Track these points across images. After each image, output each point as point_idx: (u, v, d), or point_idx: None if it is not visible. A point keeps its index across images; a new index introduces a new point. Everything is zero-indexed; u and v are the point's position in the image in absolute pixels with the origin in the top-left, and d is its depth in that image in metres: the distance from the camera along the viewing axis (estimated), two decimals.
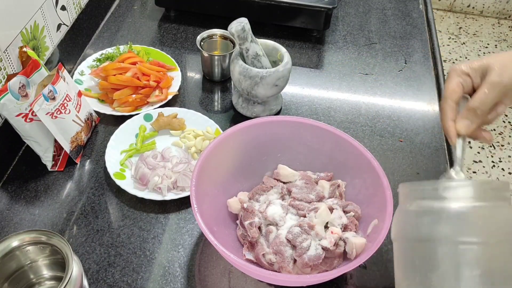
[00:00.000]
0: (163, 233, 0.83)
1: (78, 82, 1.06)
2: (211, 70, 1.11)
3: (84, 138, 0.93)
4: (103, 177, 0.91)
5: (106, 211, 0.86)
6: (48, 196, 0.88)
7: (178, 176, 0.88)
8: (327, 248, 0.72)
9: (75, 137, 0.90)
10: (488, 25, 3.19)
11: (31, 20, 0.95)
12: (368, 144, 1.00)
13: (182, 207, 0.87)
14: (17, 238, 0.66)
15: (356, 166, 0.81)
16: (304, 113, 1.07)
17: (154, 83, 1.03)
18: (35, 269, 0.72)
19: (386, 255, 0.82)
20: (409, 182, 0.65)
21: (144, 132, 0.97)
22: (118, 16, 1.30)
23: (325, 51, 1.24)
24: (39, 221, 0.84)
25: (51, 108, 0.84)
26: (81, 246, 0.80)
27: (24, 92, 0.84)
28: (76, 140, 0.90)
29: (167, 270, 0.78)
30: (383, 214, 0.72)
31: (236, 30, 0.90)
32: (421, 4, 1.44)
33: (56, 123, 0.85)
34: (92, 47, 1.20)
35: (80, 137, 0.91)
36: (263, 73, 0.93)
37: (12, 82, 0.82)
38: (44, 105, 0.82)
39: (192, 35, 1.25)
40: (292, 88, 1.13)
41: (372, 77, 1.18)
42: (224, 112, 1.06)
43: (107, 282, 0.76)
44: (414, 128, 1.05)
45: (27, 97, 0.85)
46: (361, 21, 1.35)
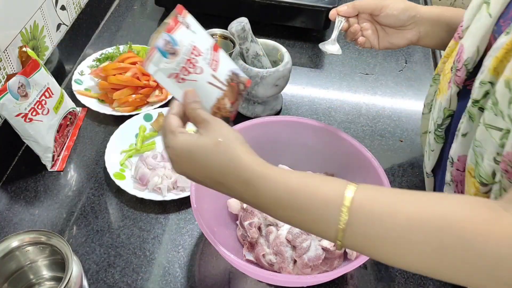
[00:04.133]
0: (163, 233, 0.83)
1: (78, 82, 1.06)
2: None
3: (229, 107, 0.64)
4: (103, 177, 0.91)
5: (106, 212, 0.86)
6: (48, 196, 0.87)
7: (178, 176, 0.88)
8: (327, 248, 0.72)
9: (216, 106, 0.63)
10: None
11: (31, 20, 0.95)
12: (369, 144, 1.00)
13: (182, 207, 0.87)
14: (17, 238, 0.66)
15: (356, 166, 0.81)
16: (304, 113, 1.07)
17: (154, 83, 1.03)
18: (35, 269, 0.72)
19: None
20: None
21: (144, 132, 0.97)
22: (118, 16, 1.30)
23: None
24: (39, 221, 0.84)
25: (174, 67, 0.58)
26: (81, 246, 0.80)
27: (24, 92, 0.84)
28: (219, 111, 0.64)
29: (167, 270, 0.78)
30: None
31: (236, 30, 0.90)
32: (422, 4, 1.43)
33: (185, 87, 0.59)
34: (92, 47, 1.20)
35: (224, 105, 0.64)
36: (263, 73, 0.93)
37: (12, 82, 0.82)
38: (162, 64, 0.57)
39: None
40: (292, 88, 1.12)
41: (373, 77, 1.18)
42: None
43: (107, 282, 0.76)
44: (414, 128, 1.05)
45: (27, 97, 0.85)
46: None
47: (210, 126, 0.56)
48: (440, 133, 0.73)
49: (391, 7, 0.79)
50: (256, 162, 0.54)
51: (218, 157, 0.54)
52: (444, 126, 0.73)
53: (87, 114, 1.03)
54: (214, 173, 0.54)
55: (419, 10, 0.80)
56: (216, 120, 0.56)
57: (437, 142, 0.74)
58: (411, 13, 0.79)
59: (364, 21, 0.82)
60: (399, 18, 0.79)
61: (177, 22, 0.58)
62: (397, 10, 0.79)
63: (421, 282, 0.79)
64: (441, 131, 0.73)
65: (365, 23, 0.82)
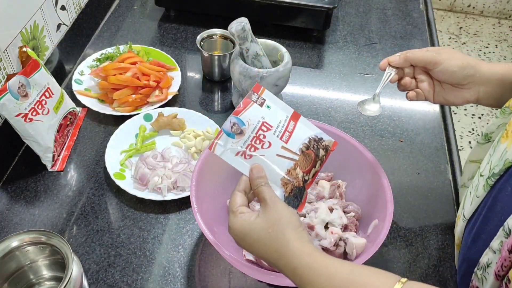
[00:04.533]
0: (163, 233, 0.83)
1: (78, 82, 1.06)
2: (211, 70, 1.11)
3: (302, 176, 0.64)
4: (103, 177, 0.91)
5: (106, 211, 0.86)
6: (48, 196, 0.87)
7: (178, 176, 0.88)
8: (327, 248, 0.72)
9: (287, 178, 0.63)
10: (488, 25, 3.19)
11: (31, 20, 0.95)
12: (369, 144, 1.00)
13: (182, 207, 0.87)
14: (17, 238, 0.66)
15: (356, 166, 0.81)
16: (304, 113, 1.06)
17: (154, 83, 1.03)
18: (35, 269, 0.72)
19: (387, 255, 0.82)
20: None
21: (144, 132, 0.97)
22: (118, 16, 1.30)
23: (325, 51, 1.24)
24: (39, 221, 0.84)
25: (241, 145, 0.61)
26: (81, 246, 0.80)
27: (24, 92, 0.84)
28: (290, 182, 0.63)
29: (167, 270, 0.78)
30: (383, 214, 0.72)
31: (236, 30, 0.90)
32: (422, 4, 1.43)
33: (252, 163, 0.62)
34: (92, 47, 1.20)
35: (295, 176, 0.63)
36: (263, 73, 0.93)
37: (12, 82, 0.82)
38: (229, 144, 0.61)
39: (192, 35, 1.25)
40: (292, 88, 1.12)
41: (373, 77, 1.18)
42: (224, 112, 1.06)
43: (107, 282, 0.76)
44: (414, 128, 1.05)
45: (27, 97, 0.85)
46: (361, 21, 1.35)
47: (267, 207, 0.58)
48: (492, 183, 0.64)
49: (447, 64, 0.72)
50: (305, 250, 0.56)
51: (269, 242, 0.57)
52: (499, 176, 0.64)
53: (87, 114, 1.03)
54: (267, 255, 0.58)
55: (479, 68, 0.73)
56: (273, 201, 0.58)
57: (485, 191, 0.66)
58: (469, 71, 0.72)
59: (420, 73, 0.76)
60: (455, 76, 0.73)
61: (248, 102, 0.62)
62: (453, 67, 0.72)
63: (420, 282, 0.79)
64: (494, 180, 0.64)
65: (421, 75, 0.76)
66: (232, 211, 0.60)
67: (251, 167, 0.61)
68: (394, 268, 0.81)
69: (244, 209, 0.60)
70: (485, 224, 0.64)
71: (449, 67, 0.72)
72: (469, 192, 0.72)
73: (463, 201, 0.75)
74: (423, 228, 0.87)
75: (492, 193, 0.64)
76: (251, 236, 0.58)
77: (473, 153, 0.80)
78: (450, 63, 0.72)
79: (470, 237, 0.68)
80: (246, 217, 0.58)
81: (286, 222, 0.57)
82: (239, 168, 0.61)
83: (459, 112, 2.54)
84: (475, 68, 0.72)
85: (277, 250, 0.56)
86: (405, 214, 0.89)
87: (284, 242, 0.56)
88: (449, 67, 0.72)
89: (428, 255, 0.83)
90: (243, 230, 0.58)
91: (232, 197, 0.61)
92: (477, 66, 0.73)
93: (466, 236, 0.69)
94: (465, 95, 0.74)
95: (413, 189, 0.93)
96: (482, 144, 0.77)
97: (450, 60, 0.72)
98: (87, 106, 1.01)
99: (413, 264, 0.81)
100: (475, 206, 0.68)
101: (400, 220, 0.88)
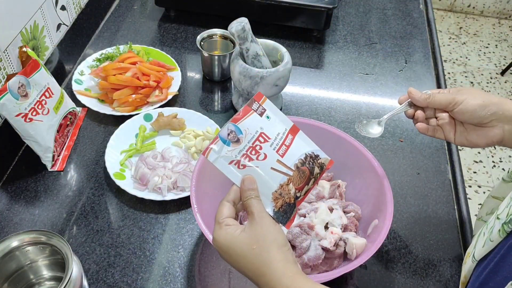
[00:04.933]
0: (163, 233, 0.83)
1: (78, 82, 1.06)
2: (211, 70, 1.11)
3: (294, 193, 0.62)
4: (103, 177, 0.91)
5: (106, 211, 0.86)
6: (48, 196, 0.87)
7: (178, 176, 0.88)
8: (327, 248, 0.72)
9: (278, 192, 0.61)
10: (488, 25, 3.19)
11: (31, 20, 0.95)
12: (369, 144, 1.00)
13: (182, 207, 0.87)
14: (17, 238, 0.66)
15: (356, 166, 0.81)
16: (304, 113, 1.07)
17: (154, 83, 1.03)
18: (35, 269, 0.72)
19: (387, 255, 0.82)
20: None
21: (144, 132, 0.97)
22: (118, 16, 1.30)
23: (325, 51, 1.24)
24: (39, 221, 0.84)
25: (236, 154, 0.59)
26: (81, 246, 0.80)
27: (24, 92, 0.84)
28: (282, 196, 0.61)
29: (167, 270, 0.78)
30: (383, 215, 0.72)
31: (236, 30, 0.90)
32: (422, 4, 1.43)
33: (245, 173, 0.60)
34: (92, 47, 1.20)
35: (287, 191, 0.61)
36: (263, 73, 0.93)
37: (12, 82, 0.82)
38: (224, 151, 0.59)
39: (192, 35, 1.25)
40: (292, 88, 1.12)
41: (373, 77, 1.18)
42: (224, 112, 1.06)
43: (107, 282, 0.76)
44: (414, 128, 1.04)
45: (27, 97, 0.85)
46: (361, 21, 1.35)
47: (253, 222, 0.56)
48: (509, 230, 0.62)
49: (466, 103, 0.70)
50: (287, 272, 0.54)
51: (252, 258, 0.55)
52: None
53: (87, 114, 1.03)
54: (248, 272, 0.56)
55: (503, 106, 0.69)
56: (261, 216, 0.57)
57: (500, 236, 0.63)
58: (491, 109, 0.69)
59: (441, 112, 0.74)
60: (476, 115, 0.70)
61: (248, 111, 0.60)
62: (473, 106, 0.69)
63: (421, 282, 0.79)
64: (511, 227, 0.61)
65: (442, 114, 0.74)
66: (217, 222, 0.58)
67: (243, 178, 0.59)
68: (394, 268, 0.81)
69: (230, 221, 0.58)
70: (495, 273, 0.61)
71: (469, 106, 0.70)
72: (483, 232, 0.69)
73: (475, 240, 0.72)
74: (423, 228, 0.87)
75: (508, 241, 0.61)
76: (234, 250, 0.56)
77: (497, 190, 0.78)
78: (470, 102, 0.70)
79: (478, 282, 0.65)
80: (231, 230, 0.56)
81: (271, 239, 0.55)
82: (230, 177, 0.59)
83: None
84: (498, 105, 0.69)
85: (259, 268, 0.54)
86: (405, 214, 0.89)
87: (267, 261, 0.54)
88: (469, 106, 0.70)
89: (428, 255, 0.83)
90: (226, 243, 0.56)
91: (220, 207, 0.59)
92: (500, 104, 0.69)
93: (474, 278, 0.67)
94: (489, 134, 0.71)
95: (413, 189, 0.93)
96: (507, 182, 0.75)
97: (470, 99, 0.70)
98: (87, 106, 1.01)
99: (413, 264, 0.81)
100: (487, 249, 0.65)
101: (400, 220, 0.88)
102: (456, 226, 0.88)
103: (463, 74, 2.79)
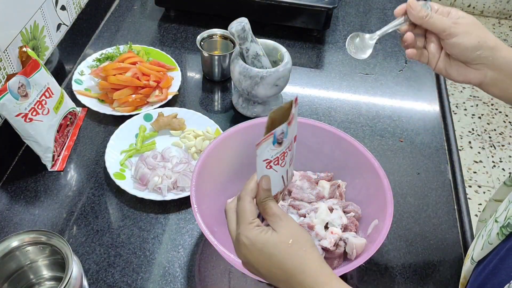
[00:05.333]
0: (163, 233, 0.83)
1: (78, 82, 1.06)
2: (211, 70, 1.11)
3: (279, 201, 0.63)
4: (103, 177, 0.91)
5: (106, 211, 0.86)
6: (48, 196, 0.87)
7: (178, 176, 0.88)
8: (327, 248, 0.72)
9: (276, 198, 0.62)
10: (488, 25, 3.19)
11: (31, 20, 0.95)
12: (369, 144, 1.00)
13: (182, 207, 0.87)
14: (17, 238, 0.66)
15: (356, 166, 0.81)
16: (304, 113, 1.07)
17: (154, 83, 1.03)
18: (35, 269, 0.72)
19: (387, 255, 0.82)
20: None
21: (144, 132, 0.97)
22: (118, 16, 1.30)
23: (325, 51, 1.24)
24: (39, 221, 0.84)
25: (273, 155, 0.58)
26: (81, 246, 0.80)
27: (24, 92, 0.84)
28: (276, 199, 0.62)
29: (167, 270, 0.78)
30: (383, 214, 0.72)
31: (236, 30, 0.90)
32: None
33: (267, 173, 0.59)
34: (92, 47, 1.20)
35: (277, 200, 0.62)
36: (263, 73, 0.93)
37: (12, 82, 0.82)
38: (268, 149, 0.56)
39: (192, 35, 1.25)
40: (292, 88, 1.12)
41: (373, 77, 1.18)
42: (224, 112, 1.06)
43: (107, 282, 0.76)
44: (414, 128, 1.05)
45: (27, 97, 0.84)
46: (361, 21, 1.35)
47: (281, 223, 0.55)
48: (507, 233, 0.61)
49: (459, 39, 0.65)
50: (323, 271, 0.53)
51: (290, 257, 0.53)
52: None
53: (87, 114, 1.03)
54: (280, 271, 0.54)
55: (496, 52, 0.66)
56: (287, 217, 0.56)
57: (499, 239, 0.62)
58: (484, 53, 0.65)
59: (432, 36, 0.69)
60: (466, 54, 0.66)
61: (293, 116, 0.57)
62: (466, 44, 0.65)
63: (420, 282, 0.79)
64: (509, 231, 0.60)
65: (432, 37, 0.69)
66: (248, 222, 0.55)
67: (262, 176, 0.58)
68: (394, 268, 0.81)
69: (259, 221, 0.56)
70: (494, 275, 0.61)
71: (461, 42, 0.65)
72: (482, 235, 0.68)
73: (475, 241, 0.71)
74: (423, 228, 0.87)
75: (506, 244, 0.61)
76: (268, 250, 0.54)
77: (498, 193, 0.76)
78: (464, 39, 0.65)
79: (476, 283, 0.65)
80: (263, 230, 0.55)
81: (305, 239, 0.54)
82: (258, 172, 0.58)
83: (459, 112, 2.54)
84: (492, 51, 0.65)
85: (297, 266, 0.53)
86: (405, 214, 0.89)
87: (304, 259, 0.53)
88: (462, 43, 0.65)
89: (428, 255, 0.83)
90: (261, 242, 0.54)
91: (245, 204, 0.56)
92: (494, 49, 0.65)
93: (473, 280, 0.67)
94: (469, 75, 0.68)
95: (413, 189, 0.93)
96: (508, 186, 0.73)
97: (466, 36, 0.65)
98: (87, 106, 1.01)
99: (413, 264, 0.81)
100: (486, 252, 0.64)
101: (400, 220, 0.88)
102: (456, 226, 0.88)
103: None
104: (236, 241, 0.56)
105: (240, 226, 0.56)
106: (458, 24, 0.66)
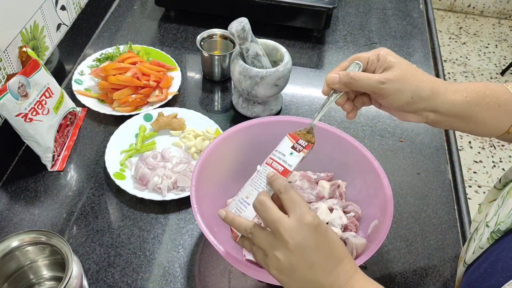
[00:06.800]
0: (163, 233, 0.83)
1: (78, 82, 1.06)
2: (211, 70, 1.11)
3: None
4: (103, 177, 0.91)
5: (106, 211, 0.86)
6: (48, 196, 0.87)
7: (178, 176, 0.88)
8: None
9: None
10: (488, 25, 3.19)
11: (31, 20, 0.95)
12: (369, 144, 1.00)
13: (182, 207, 0.87)
14: (17, 238, 0.66)
15: (356, 166, 0.81)
16: (304, 113, 1.07)
17: (154, 83, 1.03)
18: (35, 269, 0.72)
19: (387, 255, 0.82)
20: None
21: (144, 132, 0.97)
22: (118, 16, 1.30)
23: (325, 51, 1.24)
24: (39, 221, 0.84)
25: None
26: (81, 246, 0.80)
27: (24, 92, 0.84)
28: None
29: (167, 270, 0.78)
30: (383, 215, 0.72)
31: (236, 30, 0.90)
32: (422, 4, 1.43)
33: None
34: (92, 47, 1.20)
35: None
36: (263, 73, 0.93)
37: (12, 82, 0.82)
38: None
39: (192, 35, 1.25)
40: (292, 88, 1.12)
41: None
42: (224, 112, 1.06)
43: (107, 282, 0.76)
44: (414, 128, 1.05)
45: (27, 97, 0.85)
46: (361, 21, 1.35)
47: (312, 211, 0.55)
48: (497, 237, 0.60)
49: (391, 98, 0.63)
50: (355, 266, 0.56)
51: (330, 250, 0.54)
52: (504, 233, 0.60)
53: (87, 114, 1.03)
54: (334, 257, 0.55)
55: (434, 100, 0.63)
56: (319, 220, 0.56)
57: (489, 243, 0.62)
58: (419, 106, 0.63)
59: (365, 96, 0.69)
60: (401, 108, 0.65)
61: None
62: (400, 101, 0.63)
63: (420, 282, 0.79)
64: (499, 235, 0.60)
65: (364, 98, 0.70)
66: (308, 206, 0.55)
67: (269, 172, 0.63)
68: (394, 268, 0.81)
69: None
70: (484, 279, 0.60)
71: (393, 102, 0.64)
72: (473, 238, 0.68)
73: (466, 244, 0.72)
74: (423, 228, 0.87)
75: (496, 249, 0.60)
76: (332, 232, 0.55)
77: (489, 196, 0.77)
78: (396, 98, 0.63)
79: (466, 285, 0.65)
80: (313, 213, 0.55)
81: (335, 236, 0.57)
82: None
83: None
84: (428, 100, 0.63)
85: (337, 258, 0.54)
86: (405, 214, 0.89)
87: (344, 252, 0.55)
88: (394, 102, 0.64)
89: (428, 255, 0.83)
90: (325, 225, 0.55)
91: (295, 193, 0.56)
92: (431, 98, 0.63)
93: (464, 283, 0.67)
94: (411, 119, 0.66)
95: (413, 189, 0.93)
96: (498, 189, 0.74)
97: (397, 94, 0.63)
98: (87, 106, 1.01)
99: (413, 264, 0.81)
100: (476, 255, 0.64)
101: (400, 220, 0.88)
102: (456, 226, 0.88)
103: (463, 74, 2.79)
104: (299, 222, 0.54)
105: (303, 209, 0.55)
106: (388, 82, 0.63)
